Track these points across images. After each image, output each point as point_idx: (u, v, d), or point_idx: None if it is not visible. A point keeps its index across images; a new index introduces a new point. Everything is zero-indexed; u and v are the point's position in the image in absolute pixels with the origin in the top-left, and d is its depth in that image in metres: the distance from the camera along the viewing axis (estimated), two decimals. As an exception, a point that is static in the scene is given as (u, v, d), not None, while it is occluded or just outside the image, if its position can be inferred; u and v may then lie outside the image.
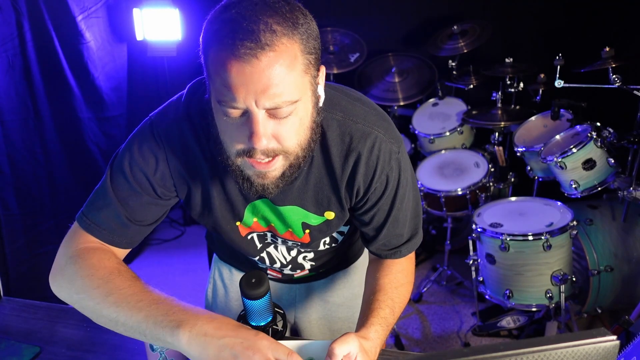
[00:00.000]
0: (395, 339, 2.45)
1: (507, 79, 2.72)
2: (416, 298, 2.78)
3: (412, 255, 1.11)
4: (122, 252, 1.01)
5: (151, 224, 1.01)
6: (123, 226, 0.97)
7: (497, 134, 2.81)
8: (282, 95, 0.77)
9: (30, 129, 2.52)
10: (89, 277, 0.89)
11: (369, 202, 1.00)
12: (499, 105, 2.78)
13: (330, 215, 1.02)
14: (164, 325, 0.81)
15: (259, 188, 0.87)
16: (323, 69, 0.87)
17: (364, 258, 1.34)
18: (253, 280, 0.92)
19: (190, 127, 0.94)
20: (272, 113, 0.79)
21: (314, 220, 1.03)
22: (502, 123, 2.68)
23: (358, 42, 3.16)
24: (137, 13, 3.10)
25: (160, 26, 3.11)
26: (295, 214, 1.02)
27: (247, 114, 0.79)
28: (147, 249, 3.50)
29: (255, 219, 1.05)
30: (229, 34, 0.74)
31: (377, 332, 0.92)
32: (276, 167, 0.84)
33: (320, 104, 0.89)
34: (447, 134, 2.87)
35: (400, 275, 1.05)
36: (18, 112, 2.46)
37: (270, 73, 0.75)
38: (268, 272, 1.26)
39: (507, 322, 2.42)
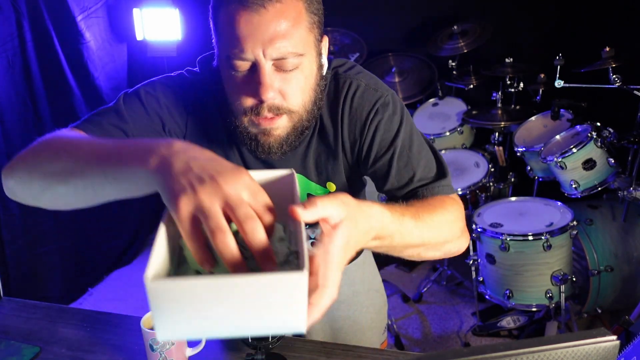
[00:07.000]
0: (395, 339, 2.45)
1: (507, 79, 2.71)
2: (416, 298, 2.78)
3: (456, 198, 0.93)
4: None
5: None
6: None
7: (497, 134, 2.81)
8: (288, 46, 0.80)
9: (30, 129, 2.52)
10: (41, 149, 0.77)
11: (369, 157, 0.94)
12: (499, 105, 2.78)
13: (331, 186, 1.03)
14: (131, 150, 0.63)
15: (265, 146, 0.88)
16: (326, 39, 0.91)
17: (364, 255, 1.34)
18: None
19: (210, 90, 0.96)
20: (278, 65, 0.82)
21: (318, 191, 1.04)
22: (502, 123, 2.68)
23: (358, 42, 3.16)
24: (137, 13, 3.10)
25: (160, 26, 3.11)
26: (300, 183, 1.01)
27: (254, 67, 0.82)
28: (147, 249, 3.50)
29: None
30: None
31: (384, 214, 0.69)
32: (279, 127, 0.86)
33: (324, 73, 0.92)
34: (447, 134, 2.87)
35: (438, 204, 0.86)
36: (18, 112, 2.46)
37: (277, 23, 0.79)
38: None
39: (507, 322, 2.42)
